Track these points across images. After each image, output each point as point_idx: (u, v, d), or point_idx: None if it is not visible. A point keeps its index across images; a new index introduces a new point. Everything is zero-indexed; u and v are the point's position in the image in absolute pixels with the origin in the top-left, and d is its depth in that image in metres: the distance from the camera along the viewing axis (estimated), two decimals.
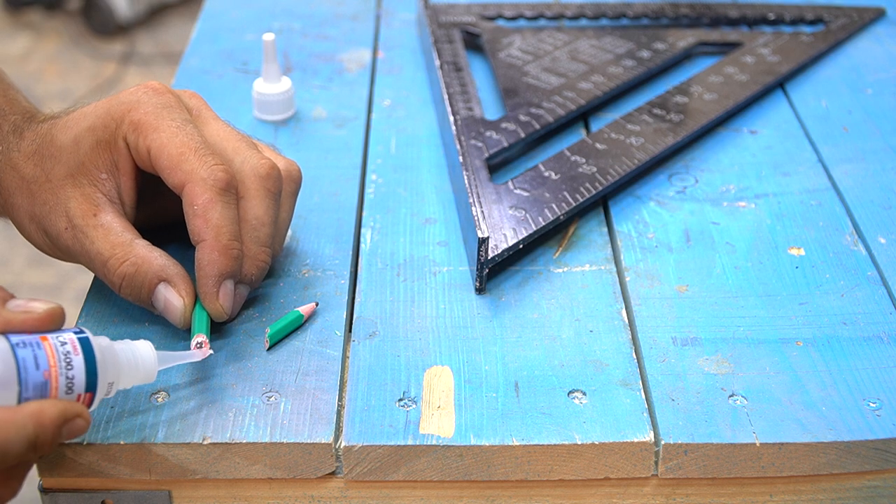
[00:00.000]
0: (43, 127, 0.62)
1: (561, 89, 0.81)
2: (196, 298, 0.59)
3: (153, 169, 0.59)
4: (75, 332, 0.51)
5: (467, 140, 0.73)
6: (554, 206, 0.67)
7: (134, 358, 0.53)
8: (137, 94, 0.60)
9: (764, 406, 0.56)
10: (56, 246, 0.61)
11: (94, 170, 0.60)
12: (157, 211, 0.64)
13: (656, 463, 0.55)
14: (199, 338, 0.57)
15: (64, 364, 0.50)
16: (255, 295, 0.63)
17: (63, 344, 0.50)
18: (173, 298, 0.58)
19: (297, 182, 0.64)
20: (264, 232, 0.60)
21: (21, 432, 0.48)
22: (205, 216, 0.57)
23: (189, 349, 0.56)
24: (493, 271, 0.65)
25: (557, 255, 0.67)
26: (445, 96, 0.78)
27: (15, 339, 0.50)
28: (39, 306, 0.51)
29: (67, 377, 0.50)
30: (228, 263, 0.58)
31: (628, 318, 0.62)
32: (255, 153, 0.61)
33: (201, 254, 0.58)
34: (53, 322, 0.52)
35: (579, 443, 0.54)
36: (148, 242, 0.59)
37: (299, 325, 0.61)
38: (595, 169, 0.71)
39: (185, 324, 0.59)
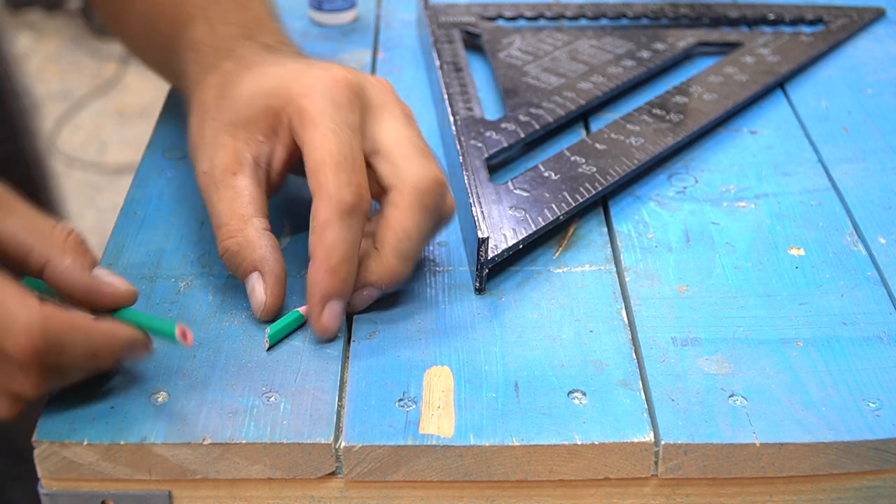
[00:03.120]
0: (229, 66, 0.63)
1: (561, 89, 0.81)
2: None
3: None
4: None
5: (467, 140, 0.73)
6: (554, 206, 0.67)
7: None
8: (317, 81, 0.60)
9: (764, 406, 0.56)
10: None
11: (254, 129, 0.61)
12: None
13: (656, 463, 0.55)
14: (183, 325, 0.55)
15: None
16: None
17: None
18: (258, 292, 0.60)
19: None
20: (408, 245, 0.59)
21: (89, 341, 0.53)
22: (321, 234, 0.57)
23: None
24: (493, 271, 0.65)
25: (557, 255, 0.67)
26: (445, 96, 0.78)
27: None
28: (122, 284, 0.57)
29: None
30: (334, 285, 0.58)
31: (628, 318, 0.62)
32: (423, 162, 0.59)
33: (311, 271, 0.58)
34: (128, 300, 0.57)
35: (579, 443, 0.54)
36: (266, 225, 0.60)
37: (299, 325, 0.61)
38: (595, 169, 0.71)
39: (263, 317, 0.60)
